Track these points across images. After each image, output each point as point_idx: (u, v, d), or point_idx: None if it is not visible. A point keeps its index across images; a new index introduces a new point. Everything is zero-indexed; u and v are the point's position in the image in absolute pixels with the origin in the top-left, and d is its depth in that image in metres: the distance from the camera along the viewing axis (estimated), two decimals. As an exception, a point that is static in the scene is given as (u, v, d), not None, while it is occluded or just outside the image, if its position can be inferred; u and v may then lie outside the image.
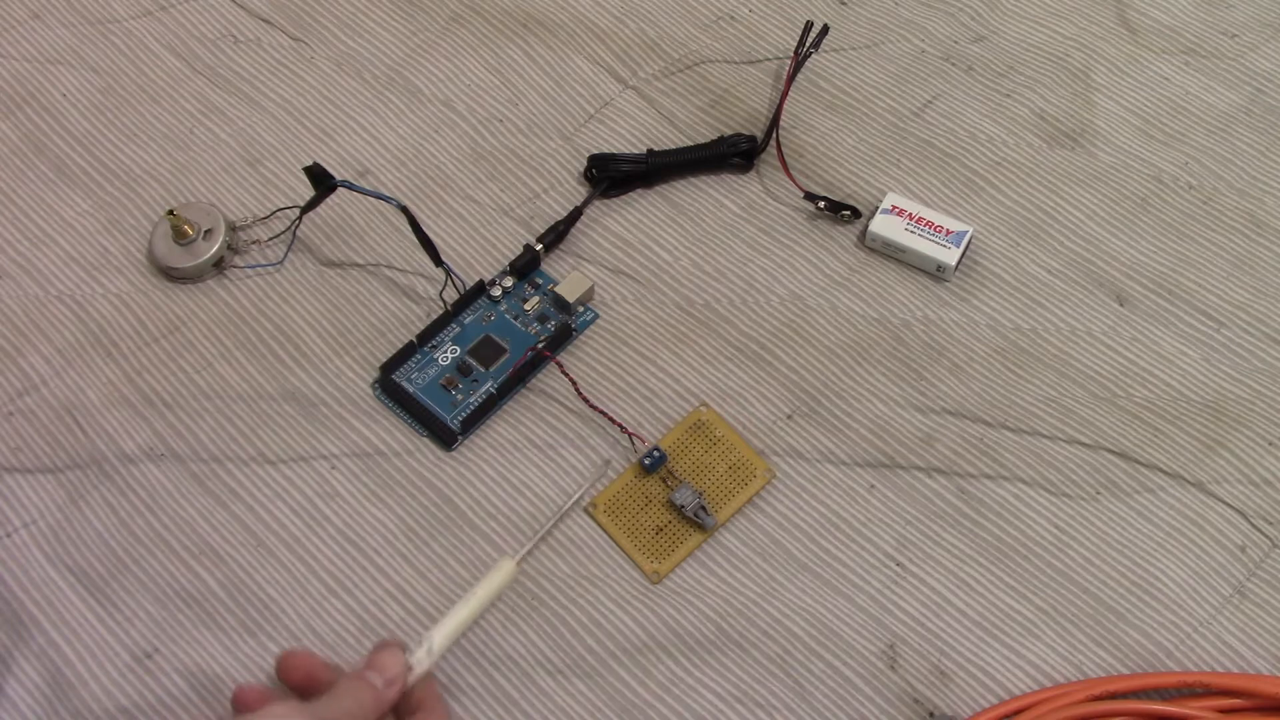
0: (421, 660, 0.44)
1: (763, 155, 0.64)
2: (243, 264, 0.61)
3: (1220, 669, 0.51)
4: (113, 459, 0.56)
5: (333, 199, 0.58)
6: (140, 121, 0.65)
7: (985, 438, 0.56)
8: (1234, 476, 0.55)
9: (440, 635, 0.45)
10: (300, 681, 0.44)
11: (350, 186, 0.56)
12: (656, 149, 0.64)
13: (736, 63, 0.67)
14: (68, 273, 0.61)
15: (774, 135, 0.63)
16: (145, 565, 0.53)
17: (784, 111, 0.64)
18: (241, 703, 0.44)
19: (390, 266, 0.61)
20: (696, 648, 0.52)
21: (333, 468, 0.56)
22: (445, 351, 0.58)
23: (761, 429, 0.56)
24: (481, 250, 0.61)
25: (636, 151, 0.64)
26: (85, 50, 0.68)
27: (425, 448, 0.56)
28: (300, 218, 0.60)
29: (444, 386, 0.57)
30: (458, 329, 0.59)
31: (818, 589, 0.53)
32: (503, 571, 0.47)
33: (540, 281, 0.60)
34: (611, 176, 0.62)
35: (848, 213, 0.61)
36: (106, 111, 0.66)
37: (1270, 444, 0.56)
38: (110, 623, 0.52)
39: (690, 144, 0.64)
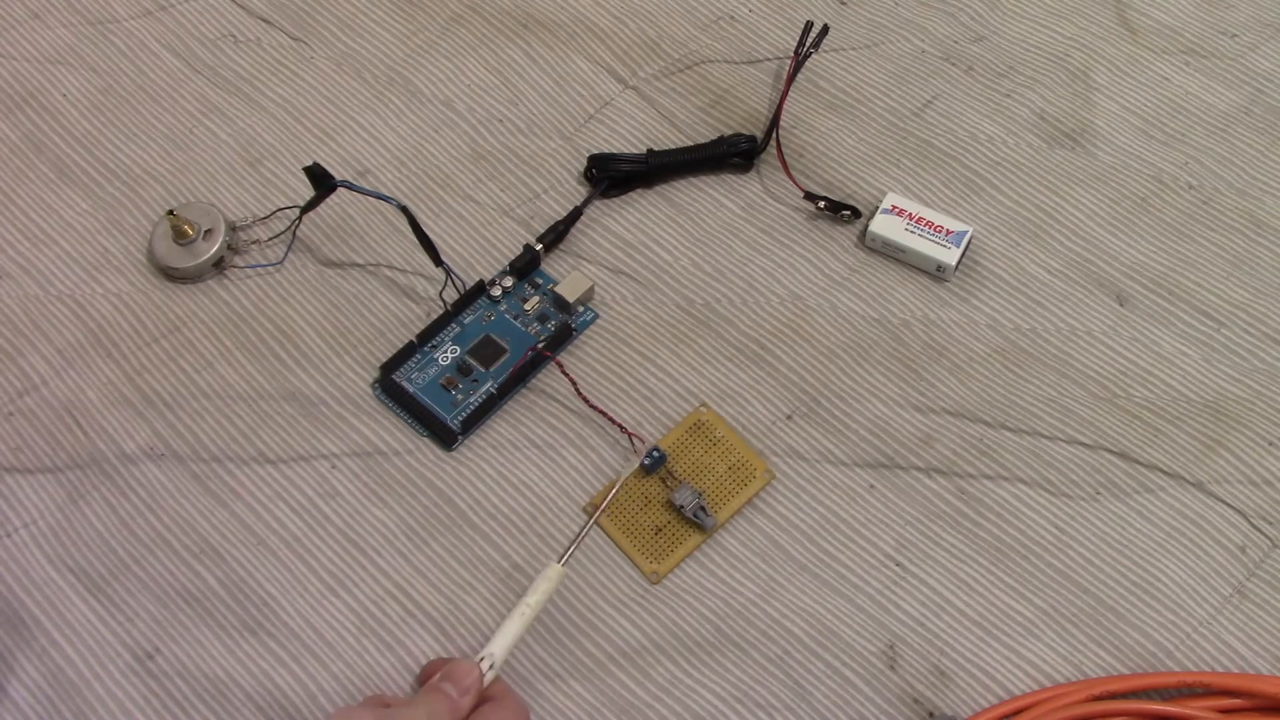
0: (485, 675, 0.47)
1: (763, 155, 0.64)
2: (243, 264, 0.61)
3: (1220, 669, 0.51)
4: (113, 459, 0.56)
5: (333, 199, 0.58)
6: (140, 121, 0.65)
7: (985, 438, 0.56)
8: (1234, 476, 0.55)
9: (499, 647, 0.48)
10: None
11: (350, 186, 0.56)
12: (656, 149, 0.64)
13: (736, 63, 0.67)
14: (68, 273, 0.61)
15: (774, 135, 0.63)
16: (146, 565, 0.53)
17: (784, 111, 0.64)
18: (425, 677, 0.49)
19: (390, 266, 0.61)
20: (696, 649, 0.52)
21: (333, 467, 0.56)
22: (445, 351, 0.58)
23: (761, 429, 0.56)
24: (481, 250, 0.61)
25: (636, 151, 0.64)
26: (85, 50, 0.68)
27: (425, 448, 0.56)
28: (300, 218, 0.60)
29: (444, 386, 0.57)
30: (458, 329, 0.59)
31: (817, 589, 0.53)
32: (551, 577, 0.49)
33: (540, 281, 0.60)
34: (611, 176, 0.62)
35: (848, 213, 0.61)
36: (106, 111, 0.66)
37: (1270, 444, 0.56)
38: (111, 623, 0.52)
39: (690, 144, 0.64)
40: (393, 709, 0.44)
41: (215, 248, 0.60)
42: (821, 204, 0.61)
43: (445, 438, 0.56)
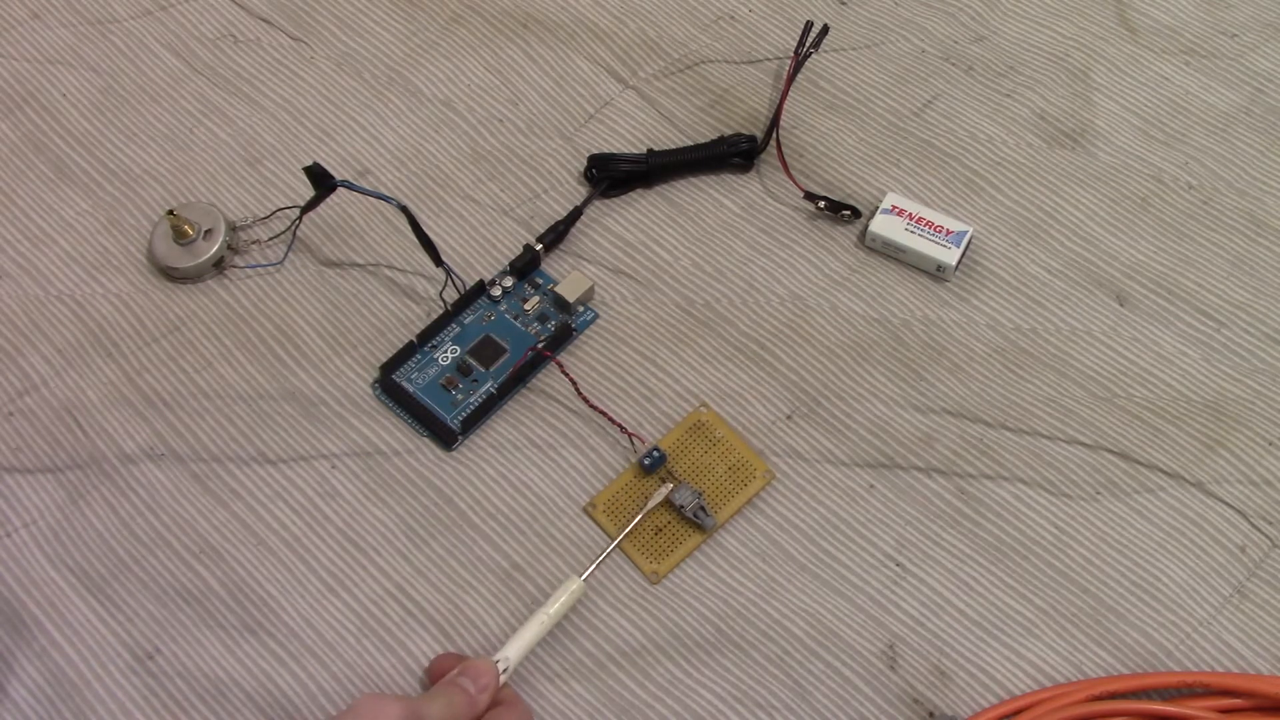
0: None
1: (763, 155, 0.64)
2: (243, 264, 0.61)
3: (1220, 669, 0.51)
4: (113, 459, 0.56)
5: (333, 199, 0.58)
6: (140, 121, 0.65)
7: (985, 438, 0.56)
8: (1234, 476, 0.55)
9: (515, 651, 0.49)
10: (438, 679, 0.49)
11: (350, 186, 0.56)
12: (656, 149, 0.64)
13: (736, 63, 0.67)
14: (68, 273, 0.61)
15: (774, 135, 0.63)
16: (146, 565, 0.53)
17: (784, 111, 0.64)
18: (434, 671, 0.50)
19: (390, 266, 0.61)
20: (696, 649, 0.52)
21: (333, 467, 0.56)
22: (445, 351, 0.58)
23: (761, 429, 0.56)
24: (481, 250, 0.61)
25: (636, 151, 0.64)
26: (85, 50, 0.68)
27: (425, 448, 0.56)
28: (300, 218, 0.60)
29: (444, 386, 0.57)
30: (458, 329, 0.59)
31: (817, 589, 0.53)
32: (572, 591, 0.51)
33: (540, 281, 0.60)
34: (611, 176, 0.62)
35: (848, 213, 0.61)
36: (106, 111, 0.66)
37: (1270, 444, 0.56)
38: (111, 623, 0.52)
39: (690, 144, 0.64)
40: (412, 699, 0.45)
41: (215, 248, 0.60)
42: (821, 204, 0.61)
43: (445, 438, 0.56)
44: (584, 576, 0.51)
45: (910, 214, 0.60)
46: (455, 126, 0.65)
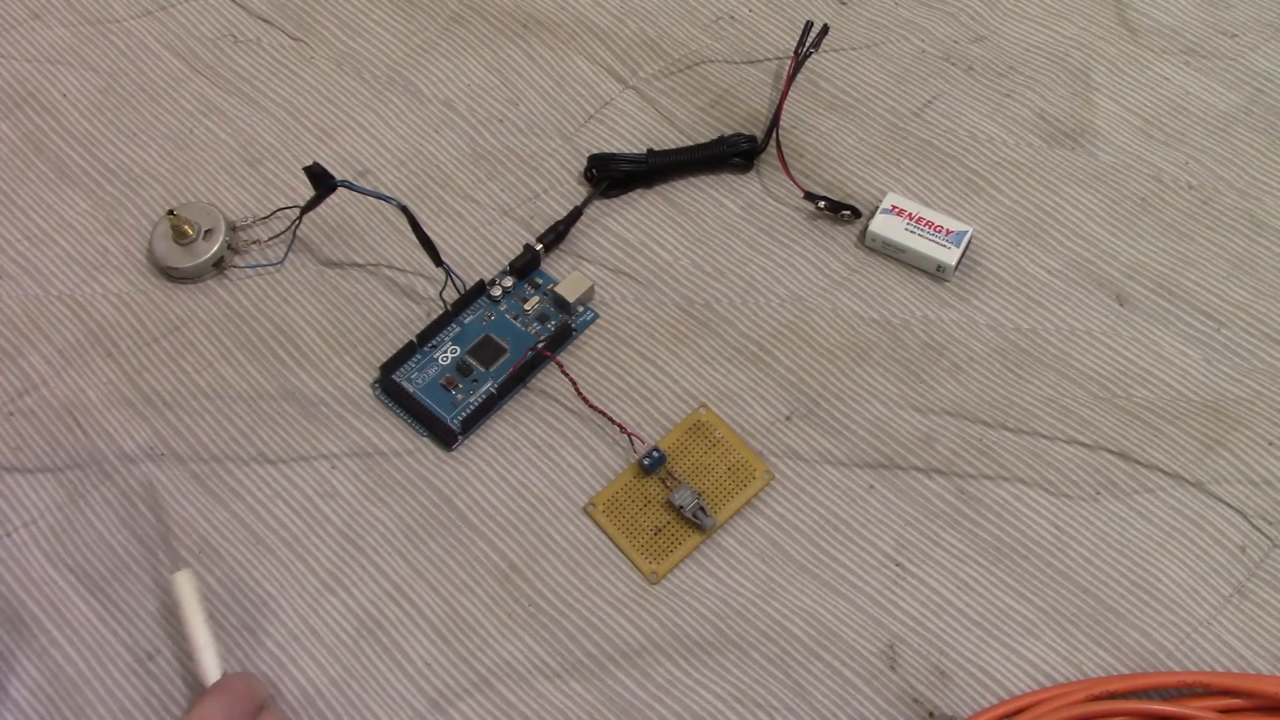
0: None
1: (763, 155, 0.64)
2: (243, 264, 0.61)
3: (1220, 669, 0.51)
4: (113, 459, 0.56)
5: (333, 199, 0.58)
6: (140, 121, 0.65)
7: (985, 438, 0.56)
8: (1234, 476, 0.55)
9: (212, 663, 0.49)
10: None
11: (350, 186, 0.56)
12: (656, 149, 0.64)
13: (736, 63, 0.67)
14: (68, 273, 0.61)
15: (774, 135, 0.63)
16: (146, 565, 0.53)
17: (784, 111, 0.64)
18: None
19: (390, 266, 0.61)
20: (695, 649, 0.52)
21: (333, 467, 0.56)
22: (445, 351, 0.58)
23: (760, 430, 0.56)
24: (481, 250, 0.61)
25: (636, 151, 0.64)
26: (85, 50, 0.68)
27: (425, 448, 0.56)
28: (300, 218, 0.60)
29: (444, 386, 0.57)
30: (458, 329, 0.59)
31: (817, 590, 0.53)
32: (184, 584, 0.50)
33: (540, 281, 0.60)
34: (611, 176, 0.62)
35: (848, 213, 0.61)
36: (106, 111, 0.66)
37: (1270, 444, 0.56)
38: (111, 623, 0.52)
39: (690, 144, 0.64)
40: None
41: (215, 248, 0.60)
42: (821, 204, 0.61)
43: (445, 438, 0.56)
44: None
45: (910, 214, 0.60)
46: (455, 126, 0.65)
